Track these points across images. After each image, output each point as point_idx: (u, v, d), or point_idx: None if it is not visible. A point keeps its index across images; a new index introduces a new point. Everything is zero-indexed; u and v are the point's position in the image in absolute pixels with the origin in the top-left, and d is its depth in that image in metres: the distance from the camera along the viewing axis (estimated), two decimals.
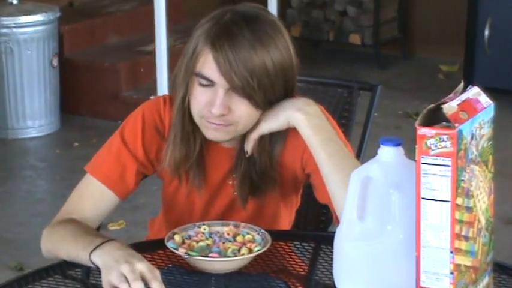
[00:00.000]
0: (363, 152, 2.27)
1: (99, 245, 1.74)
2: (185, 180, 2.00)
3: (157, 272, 1.67)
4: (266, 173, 1.95)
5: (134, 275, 1.62)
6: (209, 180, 2.01)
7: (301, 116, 1.88)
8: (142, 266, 1.65)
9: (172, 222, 2.03)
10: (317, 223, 2.28)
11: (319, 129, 1.89)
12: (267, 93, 1.87)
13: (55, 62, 5.14)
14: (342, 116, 2.28)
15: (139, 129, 2.00)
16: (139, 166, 1.99)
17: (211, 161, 2.00)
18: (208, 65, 1.86)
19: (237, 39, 1.85)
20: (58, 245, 1.88)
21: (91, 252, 1.73)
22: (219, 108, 1.84)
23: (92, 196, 1.98)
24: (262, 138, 1.93)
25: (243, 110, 1.87)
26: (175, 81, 1.98)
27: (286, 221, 2.09)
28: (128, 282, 1.61)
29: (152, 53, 5.29)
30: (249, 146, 1.93)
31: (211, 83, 1.86)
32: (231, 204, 2.01)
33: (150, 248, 1.89)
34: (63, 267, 1.81)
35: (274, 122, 1.91)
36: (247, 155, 1.94)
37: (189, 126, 1.94)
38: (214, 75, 1.85)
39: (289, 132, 1.95)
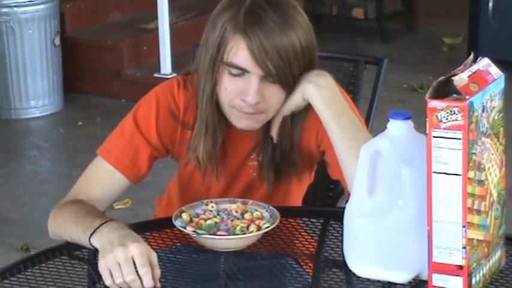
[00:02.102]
0: (370, 127, 2.25)
1: (97, 228, 1.72)
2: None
3: (153, 256, 1.64)
4: (288, 156, 1.95)
5: (129, 268, 1.60)
6: (228, 165, 2.00)
7: (313, 89, 1.86)
8: (135, 249, 1.62)
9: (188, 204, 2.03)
10: (325, 199, 2.27)
11: (332, 102, 1.87)
12: (295, 74, 1.85)
13: (57, 41, 5.13)
14: (348, 90, 2.24)
15: (153, 113, 1.98)
16: (153, 150, 1.98)
17: (230, 146, 1.99)
18: (241, 54, 1.83)
19: (268, 26, 1.82)
20: (62, 227, 1.87)
21: (90, 235, 1.72)
22: (254, 97, 1.82)
23: (103, 179, 1.97)
24: (284, 122, 1.91)
25: (275, 96, 1.85)
26: (199, 72, 1.94)
27: (298, 197, 2.09)
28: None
29: (155, 31, 5.30)
30: (274, 130, 1.91)
31: (243, 72, 1.83)
32: (249, 185, 2.01)
33: (157, 227, 1.88)
34: (70, 248, 1.80)
35: (290, 99, 1.89)
36: (275, 141, 1.93)
37: (216, 117, 1.92)
38: (249, 64, 1.82)
39: (308, 114, 1.94)
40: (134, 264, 1.60)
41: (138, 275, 1.59)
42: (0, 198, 4.23)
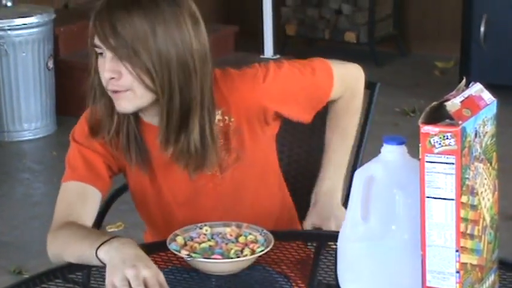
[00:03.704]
0: (362, 150, 2.26)
1: (106, 241, 1.72)
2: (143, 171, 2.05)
3: (162, 278, 1.65)
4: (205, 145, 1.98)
5: (137, 282, 1.61)
6: (154, 161, 2.04)
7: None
8: (147, 272, 1.63)
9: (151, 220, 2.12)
10: None
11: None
12: (154, 62, 1.89)
13: (50, 64, 5.13)
14: None
15: (87, 130, 2.03)
16: (104, 158, 2.02)
17: (150, 142, 2.02)
18: (92, 32, 1.92)
19: (113, 5, 1.91)
20: (63, 246, 1.86)
21: (98, 248, 1.72)
22: (107, 72, 1.89)
23: (76, 200, 1.99)
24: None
25: (130, 74, 1.88)
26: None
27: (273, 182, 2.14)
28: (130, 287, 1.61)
29: None
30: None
31: (101, 51, 1.92)
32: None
33: (151, 250, 1.85)
34: (64, 271, 1.80)
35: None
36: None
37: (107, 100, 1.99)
38: (96, 40, 1.91)
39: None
40: None
41: None
42: None
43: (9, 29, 5.01)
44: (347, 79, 2.15)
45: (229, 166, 2.03)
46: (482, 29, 5.44)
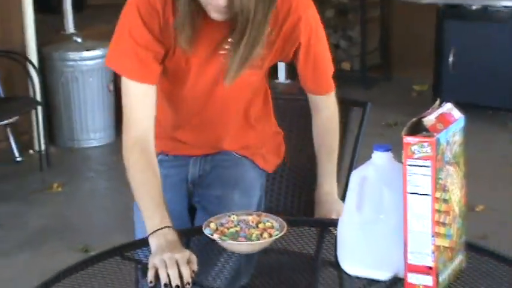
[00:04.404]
0: (357, 155, 2.24)
1: (156, 230, 1.71)
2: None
3: (193, 257, 1.64)
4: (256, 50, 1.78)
5: (171, 262, 1.60)
6: (202, 50, 1.84)
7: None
8: (179, 255, 1.62)
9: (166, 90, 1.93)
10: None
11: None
12: None
13: (111, 87, 5.15)
14: (340, 126, 2.24)
15: (140, 23, 1.79)
16: (155, 54, 1.82)
17: (206, 34, 1.81)
18: None
19: None
20: (135, 194, 1.82)
21: (150, 234, 1.71)
22: (223, 2, 1.67)
23: (140, 101, 1.86)
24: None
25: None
26: None
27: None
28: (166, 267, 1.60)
29: None
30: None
31: None
32: (219, 72, 1.86)
33: (189, 234, 1.87)
34: (122, 249, 1.78)
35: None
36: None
37: (193, 7, 1.75)
38: None
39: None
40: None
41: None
42: (65, 209, 4.23)
43: (79, 60, 5.05)
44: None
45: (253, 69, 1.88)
46: (450, 59, 5.42)
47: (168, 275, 1.58)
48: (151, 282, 1.61)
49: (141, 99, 1.86)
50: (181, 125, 2.03)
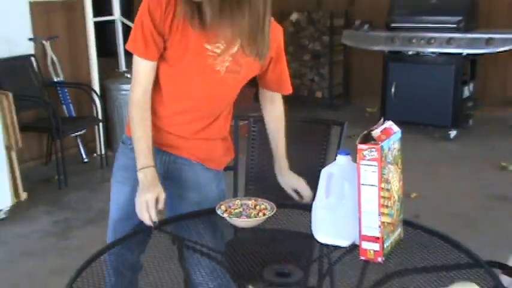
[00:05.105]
0: (327, 158, 2.21)
1: (141, 168, 1.68)
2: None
3: (161, 198, 1.64)
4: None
5: (144, 206, 1.62)
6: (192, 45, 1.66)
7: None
8: (150, 197, 1.62)
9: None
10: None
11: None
12: None
13: None
14: (323, 140, 2.21)
15: (158, 9, 1.64)
16: (156, 39, 1.67)
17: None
18: None
19: None
20: (132, 130, 1.72)
21: (138, 170, 1.68)
22: None
23: (146, 72, 1.71)
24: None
25: None
26: None
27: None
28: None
29: None
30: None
31: None
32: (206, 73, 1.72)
33: (208, 212, 1.78)
34: (159, 224, 1.67)
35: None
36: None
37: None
38: None
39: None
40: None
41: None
42: None
43: (129, 90, 5.00)
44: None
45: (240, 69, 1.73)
46: (392, 90, 5.41)
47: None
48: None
49: (143, 70, 1.71)
50: (171, 115, 1.81)
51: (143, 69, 1.71)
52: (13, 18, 4.51)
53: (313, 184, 1.63)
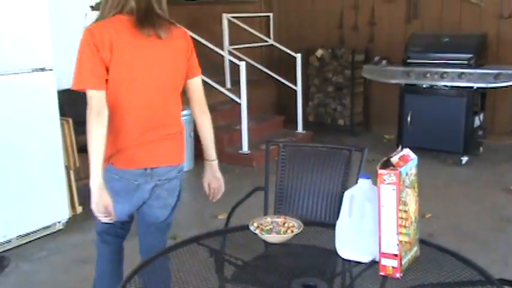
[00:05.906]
0: (349, 180, 2.20)
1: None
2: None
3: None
4: None
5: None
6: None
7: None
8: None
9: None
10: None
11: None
12: None
13: (192, 134, 5.16)
14: (345, 164, 2.20)
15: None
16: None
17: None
18: None
19: None
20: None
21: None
22: None
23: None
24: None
25: None
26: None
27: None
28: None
29: (238, 131, 5.27)
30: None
31: None
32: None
33: (242, 228, 1.80)
34: (198, 239, 1.75)
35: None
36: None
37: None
38: None
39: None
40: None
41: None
42: None
43: None
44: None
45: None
46: (409, 119, 5.36)
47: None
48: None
49: (96, 96, 1.74)
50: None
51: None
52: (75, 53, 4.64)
53: (336, 204, 1.62)
